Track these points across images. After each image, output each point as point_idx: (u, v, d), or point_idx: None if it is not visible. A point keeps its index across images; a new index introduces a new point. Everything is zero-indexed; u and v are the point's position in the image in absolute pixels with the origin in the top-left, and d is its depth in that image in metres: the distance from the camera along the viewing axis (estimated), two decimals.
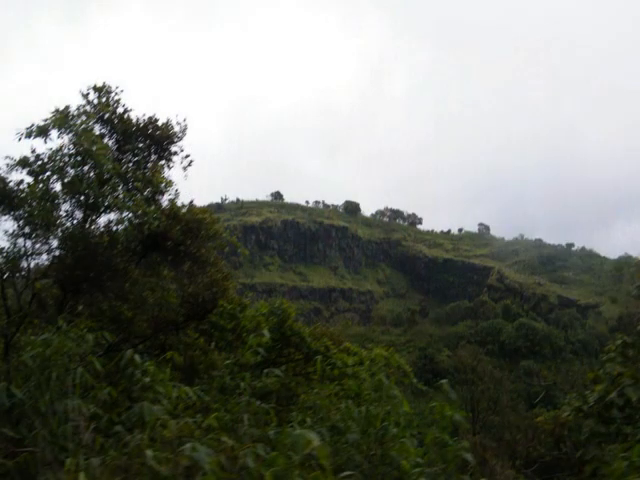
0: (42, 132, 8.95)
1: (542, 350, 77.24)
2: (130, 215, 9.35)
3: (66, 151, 8.98)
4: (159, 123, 10.47)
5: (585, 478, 5.29)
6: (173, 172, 10.82)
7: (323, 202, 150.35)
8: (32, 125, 8.92)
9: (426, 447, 3.79)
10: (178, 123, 10.73)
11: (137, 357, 3.83)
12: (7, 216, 8.72)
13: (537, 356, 75.76)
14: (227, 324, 10.55)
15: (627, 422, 5.83)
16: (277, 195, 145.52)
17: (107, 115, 9.96)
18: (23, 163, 8.74)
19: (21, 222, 8.76)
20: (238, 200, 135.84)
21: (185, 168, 10.88)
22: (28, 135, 8.85)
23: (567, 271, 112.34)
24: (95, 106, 9.86)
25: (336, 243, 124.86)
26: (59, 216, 9.11)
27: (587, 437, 6.12)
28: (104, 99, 9.93)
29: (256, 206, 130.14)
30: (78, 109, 9.53)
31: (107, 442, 3.24)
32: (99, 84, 9.95)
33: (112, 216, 9.58)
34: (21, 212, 8.65)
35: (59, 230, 9.13)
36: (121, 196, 9.13)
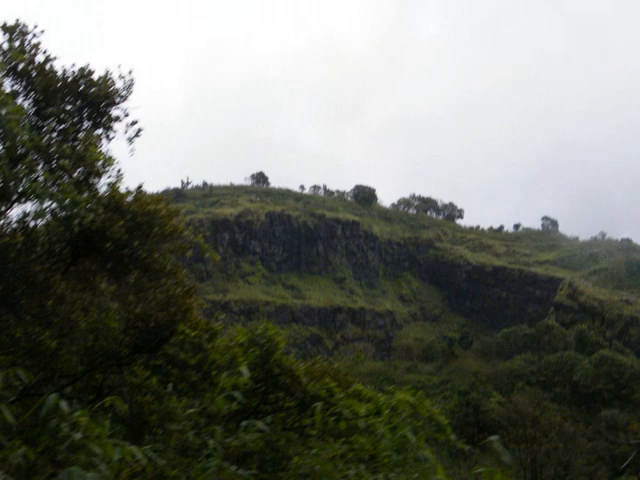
0: None
1: (632, 395, 77.32)
2: (54, 205, 9.36)
3: None
4: (94, 77, 10.49)
5: None
6: (114, 145, 10.85)
7: (324, 187, 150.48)
8: None
9: None
10: (121, 77, 10.76)
11: (64, 404, 3.83)
12: None
13: (625, 403, 75.82)
14: (190, 358, 10.56)
15: None
16: (260, 178, 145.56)
17: (22, 65, 9.97)
18: None
19: None
20: (205, 185, 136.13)
21: (131, 140, 10.92)
22: None
23: None
24: (4, 53, 9.87)
25: (343, 245, 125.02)
26: None
27: None
28: (17, 43, 9.94)
29: (230, 192, 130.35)
30: None
31: None
32: (10, 22, 9.98)
33: (29, 207, 9.60)
34: None
35: None
36: (41, 179, 9.13)
